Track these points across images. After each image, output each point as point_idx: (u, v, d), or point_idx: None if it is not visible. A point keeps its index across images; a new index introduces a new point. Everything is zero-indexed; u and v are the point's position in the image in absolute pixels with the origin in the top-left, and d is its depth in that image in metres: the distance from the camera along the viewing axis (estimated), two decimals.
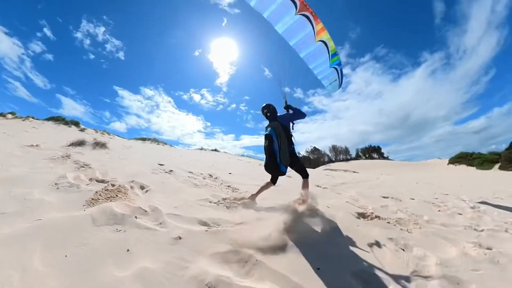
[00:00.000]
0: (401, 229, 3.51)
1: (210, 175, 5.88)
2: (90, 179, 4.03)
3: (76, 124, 15.34)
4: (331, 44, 5.26)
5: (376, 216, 3.86)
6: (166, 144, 19.26)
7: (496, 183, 13.08)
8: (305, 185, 3.90)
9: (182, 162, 7.73)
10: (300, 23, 5.03)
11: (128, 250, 2.08)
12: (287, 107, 4.30)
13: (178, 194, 3.86)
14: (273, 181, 4.00)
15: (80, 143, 7.96)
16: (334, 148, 67.29)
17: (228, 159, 12.86)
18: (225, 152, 20.56)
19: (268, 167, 3.79)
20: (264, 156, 3.81)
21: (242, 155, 19.73)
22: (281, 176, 3.83)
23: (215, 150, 20.43)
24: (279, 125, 3.78)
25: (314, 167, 38.78)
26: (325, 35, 5.19)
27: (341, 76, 5.80)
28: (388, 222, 3.71)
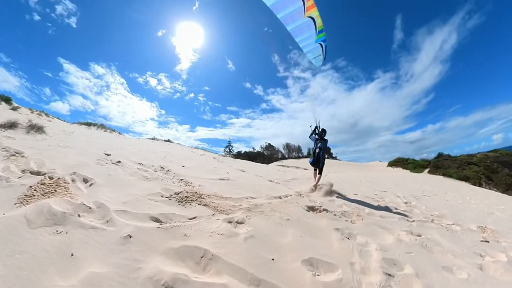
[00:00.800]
0: (346, 220, 3.90)
1: (162, 167, 5.55)
2: (23, 171, 3.46)
3: (7, 100, 11.85)
4: (319, 21, 5.47)
5: (324, 209, 4.19)
6: (114, 131, 17.54)
7: (425, 184, 15.60)
8: (320, 178, 6.30)
9: (131, 153, 7.09)
10: None
11: (72, 255, 1.81)
12: (321, 133, 6.49)
13: (127, 188, 3.53)
14: (317, 171, 6.45)
15: (11, 125, 6.58)
16: (287, 146, 69.60)
17: (181, 151, 12.31)
18: (178, 143, 19.62)
19: (315, 163, 6.41)
20: (313, 157, 6.46)
21: (197, 148, 19.08)
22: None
23: (168, 140, 19.30)
24: (325, 144, 6.37)
25: (268, 163, 39.63)
26: (315, 12, 5.38)
27: (325, 51, 6.27)
28: (335, 215, 4.08)
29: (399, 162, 36.80)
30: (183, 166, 6.56)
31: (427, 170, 30.56)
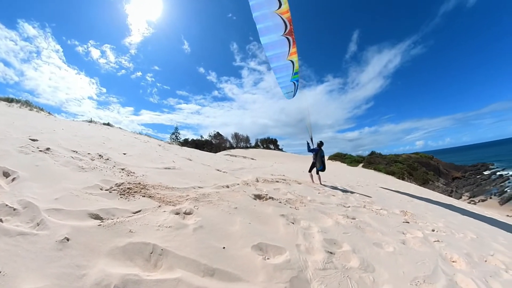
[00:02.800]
0: (290, 207, 4.12)
1: (100, 155, 5.01)
2: None
3: None
4: (296, 65, 7.09)
5: (270, 197, 4.36)
6: (43, 110, 14.82)
7: (359, 176, 17.97)
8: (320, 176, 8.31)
9: (63, 138, 6.24)
10: (281, 42, 6.61)
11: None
12: (320, 144, 8.64)
13: (59, 182, 3.05)
14: (318, 172, 8.36)
15: None
16: (236, 136, 69.48)
17: (123, 137, 11.17)
18: (119, 128, 17.74)
19: (323, 170, 8.38)
20: (322, 165, 8.42)
21: (140, 133, 17.49)
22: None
23: (108, 124, 17.18)
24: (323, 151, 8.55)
25: (215, 152, 39.09)
26: (295, 57, 6.94)
27: (296, 89, 7.86)
28: (280, 202, 4.27)
29: (338, 157, 41.28)
30: (124, 154, 6.04)
31: (361, 164, 35.42)
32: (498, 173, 34.49)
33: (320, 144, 8.56)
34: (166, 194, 3.38)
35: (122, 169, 4.30)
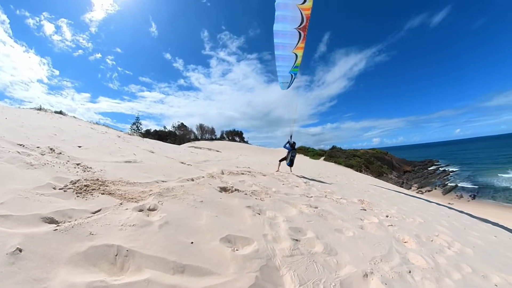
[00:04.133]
0: (256, 198, 4.19)
1: (51, 149, 4.49)
2: None
3: None
4: (299, 60, 7.38)
5: (235, 189, 4.38)
6: None
7: (320, 168, 18.91)
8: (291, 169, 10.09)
9: (7, 129, 5.49)
10: (292, 34, 6.81)
11: None
12: (293, 145, 9.92)
13: (4, 183, 2.63)
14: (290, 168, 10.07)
15: None
16: (201, 127, 67.30)
17: (77, 127, 10.06)
18: (74, 117, 15.93)
19: (291, 165, 10.04)
20: (290, 162, 9.94)
21: (97, 123, 15.79)
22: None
23: (60, 112, 15.45)
24: (296, 152, 10.10)
25: (179, 143, 37.99)
26: (301, 52, 7.23)
27: (291, 81, 8.31)
28: (246, 194, 4.31)
29: (302, 150, 43.43)
30: (79, 147, 5.48)
31: (323, 157, 38.08)
32: (441, 169, 41.63)
33: (293, 144, 9.95)
34: (127, 190, 3.18)
35: (78, 164, 3.92)
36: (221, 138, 66.75)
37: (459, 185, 28.98)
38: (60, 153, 4.38)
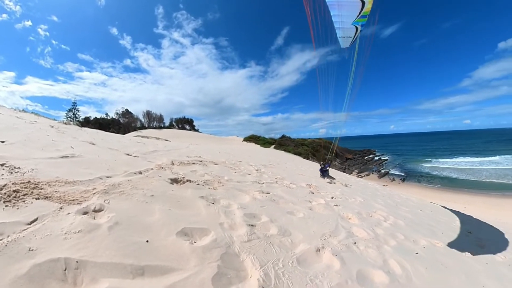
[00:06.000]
0: (209, 188, 4.15)
1: None
2: None
3: None
4: (368, 6, 5.23)
5: (187, 180, 4.24)
6: None
7: (271, 156, 19.59)
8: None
9: None
10: None
11: None
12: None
13: None
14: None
15: None
16: (148, 114, 62.11)
17: None
18: None
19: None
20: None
21: (24, 110, 12.82)
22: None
23: None
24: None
25: (124, 133, 35.24)
26: None
27: (356, 36, 5.95)
28: (198, 184, 4.22)
29: (253, 138, 45.07)
30: (2, 142, 4.46)
31: (273, 146, 39.56)
32: (377, 157, 49.52)
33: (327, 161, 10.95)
34: (67, 191, 2.77)
35: (2, 165, 3.21)
36: (170, 126, 63.61)
37: (391, 170, 35.47)
38: None
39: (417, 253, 3.35)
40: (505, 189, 22.00)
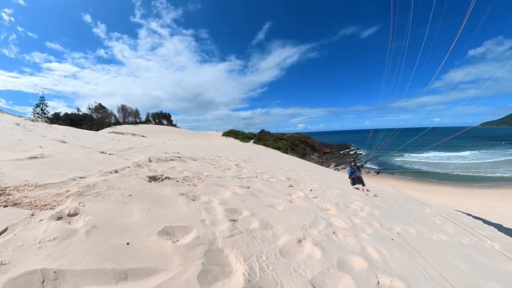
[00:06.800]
0: (188, 185, 4.12)
1: None
2: None
3: None
4: None
5: (166, 177, 4.15)
6: None
7: (250, 151, 19.69)
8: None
9: None
10: None
11: None
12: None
13: None
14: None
15: None
16: (123, 109, 58.78)
17: None
18: None
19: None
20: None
21: None
22: None
23: None
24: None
25: (98, 129, 33.85)
26: None
27: None
28: (177, 181, 4.16)
29: (232, 133, 45.85)
30: None
31: (252, 140, 40.45)
32: (353, 151, 52.36)
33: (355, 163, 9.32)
34: (38, 196, 2.58)
35: None
36: (147, 121, 61.65)
37: (367, 164, 38.16)
38: None
39: (392, 239, 3.58)
40: (470, 180, 24.57)
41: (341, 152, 50.18)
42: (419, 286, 2.49)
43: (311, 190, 5.82)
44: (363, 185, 8.57)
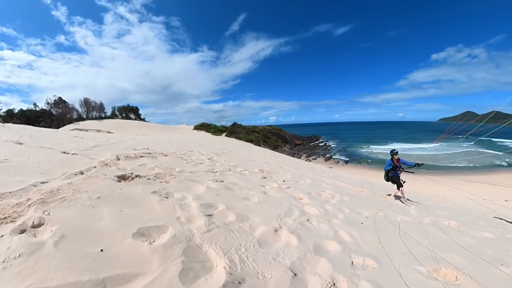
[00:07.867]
0: (160, 182, 4.00)
1: None
2: None
3: None
4: None
5: (136, 176, 3.98)
6: None
7: (223, 144, 19.61)
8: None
9: None
10: None
11: None
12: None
13: None
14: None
15: None
16: (86, 103, 53.30)
17: None
18: None
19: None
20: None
21: None
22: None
23: None
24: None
25: (58, 127, 31.42)
26: None
27: None
28: (148, 179, 4.02)
29: (204, 126, 45.58)
30: None
31: (225, 133, 40.51)
32: (323, 143, 55.81)
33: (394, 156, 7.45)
34: None
35: None
36: (113, 116, 57.75)
37: (336, 155, 41.20)
38: None
39: (362, 223, 3.83)
40: (427, 169, 26.94)
41: (311, 144, 52.30)
42: (388, 262, 2.69)
43: (284, 181, 5.97)
44: (401, 189, 7.12)
